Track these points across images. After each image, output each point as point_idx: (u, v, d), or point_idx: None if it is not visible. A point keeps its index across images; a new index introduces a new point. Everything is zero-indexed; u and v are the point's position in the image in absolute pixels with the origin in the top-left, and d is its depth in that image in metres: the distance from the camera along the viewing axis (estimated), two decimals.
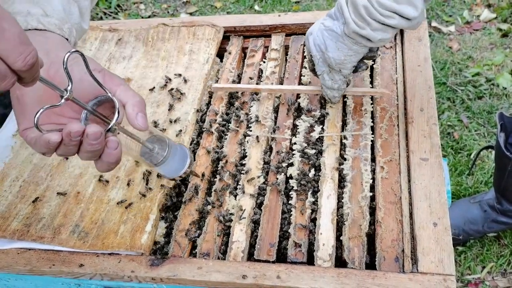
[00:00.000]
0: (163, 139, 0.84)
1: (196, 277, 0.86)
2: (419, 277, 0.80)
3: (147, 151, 0.82)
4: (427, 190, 0.91)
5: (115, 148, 0.72)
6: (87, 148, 0.70)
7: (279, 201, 0.98)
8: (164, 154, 0.83)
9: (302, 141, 1.06)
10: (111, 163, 0.74)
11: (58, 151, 0.71)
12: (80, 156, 0.73)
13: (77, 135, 0.68)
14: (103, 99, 0.74)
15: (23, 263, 0.94)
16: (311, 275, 0.83)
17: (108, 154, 0.73)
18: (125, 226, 0.96)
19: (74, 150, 0.71)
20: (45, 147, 0.70)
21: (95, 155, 0.72)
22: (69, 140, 0.68)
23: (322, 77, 1.03)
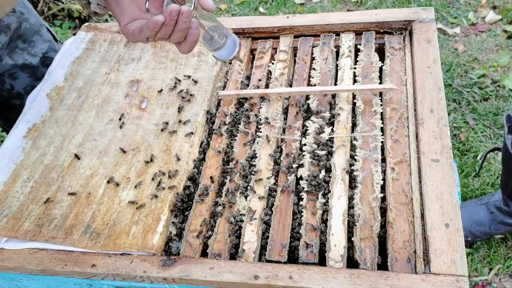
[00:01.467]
0: (222, 29, 0.96)
1: (208, 278, 0.87)
2: (431, 278, 0.80)
3: (209, 37, 0.95)
4: (438, 191, 0.91)
5: (196, 28, 0.87)
6: (181, 26, 0.84)
7: (289, 202, 0.98)
8: (221, 42, 0.96)
9: (312, 142, 1.06)
10: (193, 42, 0.89)
11: (158, 34, 0.85)
12: (172, 37, 0.87)
13: (176, 13, 0.82)
14: None
15: (36, 263, 0.94)
16: (324, 275, 0.83)
17: (191, 33, 0.87)
18: (136, 227, 0.97)
19: (170, 30, 0.85)
20: (151, 29, 0.84)
21: (184, 35, 0.87)
22: (170, 20, 0.82)
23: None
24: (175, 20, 0.83)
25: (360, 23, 1.27)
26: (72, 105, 1.25)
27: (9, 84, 1.39)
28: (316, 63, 1.24)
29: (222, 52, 0.99)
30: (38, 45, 1.40)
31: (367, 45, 1.23)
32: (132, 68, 1.32)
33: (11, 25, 1.31)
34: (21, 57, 1.36)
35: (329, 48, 1.26)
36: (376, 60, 1.20)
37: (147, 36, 0.87)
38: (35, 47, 1.39)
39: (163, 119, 1.18)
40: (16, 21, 1.32)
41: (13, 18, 1.30)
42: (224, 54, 0.99)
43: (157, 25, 0.83)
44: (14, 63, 1.35)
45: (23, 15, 1.35)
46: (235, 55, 1.00)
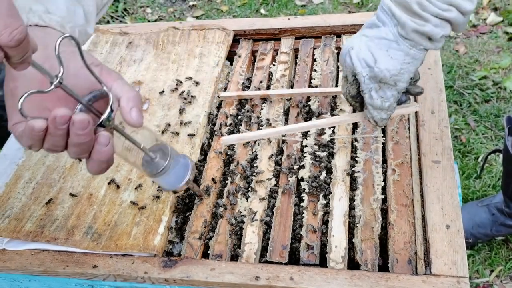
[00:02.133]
0: (166, 148, 0.79)
1: (209, 279, 0.87)
2: (432, 279, 0.80)
3: (148, 159, 0.77)
4: (439, 193, 0.91)
5: (106, 144, 0.67)
6: (74, 139, 0.65)
7: (290, 203, 0.98)
8: (164, 164, 0.77)
9: (313, 144, 1.07)
10: (102, 162, 0.69)
11: (45, 144, 0.67)
12: (69, 152, 0.68)
13: (62, 121, 0.63)
14: (98, 95, 0.70)
15: (37, 264, 0.95)
16: (324, 277, 0.84)
17: (98, 151, 0.68)
18: (137, 228, 0.97)
19: (61, 142, 0.66)
20: (30, 137, 0.65)
21: (83, 151, 0.67)
22: (55, 128, 0.64)
23: (370, 95, 0.87)
24: (63, 130, 0.64)
25: (361, 24, 1.26)
26: None
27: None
28: (317, 65, 1.24)
29: (165, 178, 0.79)
30: None
31: None
32: (134, 70, 1.32)
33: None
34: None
35: (330, 49, 1.26)
36: None
37: (28, 145, 0.67)
38: None
39: (165, 120, 1.18)
40: None
41: None
42: (170, 180, 0.81)
43: (34, 133, 0.64)
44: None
45: None
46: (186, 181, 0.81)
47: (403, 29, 0.81)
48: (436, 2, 0.78)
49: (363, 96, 0.89)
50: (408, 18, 0.80)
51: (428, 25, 0.79)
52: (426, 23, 0.79)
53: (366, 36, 0.86)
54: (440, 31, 0.80)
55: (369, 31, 0.86)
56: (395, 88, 0.85)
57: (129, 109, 0.69)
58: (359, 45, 0.86)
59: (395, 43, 0.82)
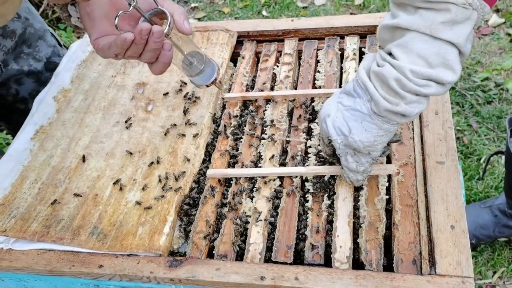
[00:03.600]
0: (202, 54, 0.96)
1: (214, 278, 0.87)
2: (437, 279, 0.81)
3: (188, 63, 0.95)
4: (443, 193, 0.92)
5: (169, 49, 0.86)
6: (152, 46, 0.82)
7: (295, 203, 0.99)
8: (200, 67, 0.95)
9: (317, 144, 1.07)
10: (165, 64, 0.87)
11: (128, 52, 0.84)
12: (143, 57, 0.85)
13: (146, 32, 0.80)
14: (154, 12, 0.87)
15: (43, 264, 0.95)
16: (329, 277, 0.84)
17: (163, 55, 0.86)
18: (143, 228, 0.97)
19: (140, 49, 0.83)
20: (120, 47, 0.82)
21: (155, 55, 0.85)
22: (140, 38, 0.80)
23: (345, 158, 0.90)
24: (145, 39, 0.81)
25: (364, 26, 1.28)
26: (78, 108, 1.26)
27: (15, 89, 1.40)
28: (321, 66, 1.25)
29: (200, 78, 0.98)
30: (42, 50, 1.41)
31: (371, 48, 1.24)
32: (138, 71, 1.33)
33: (16, 31, 1.32)
34: (26, 62, 1.37)
35: (333, 51, 1.27)
36: None
37: (115, 53, 0.85)
38: (39, 52, 1.40)
39: (169, 121, 1.18)
40: (21, 27, 1.33)
41: (18, 24, 1.32)
42: (202, 79, 0.98)
43: (125, 43, 0.81)
44: (20, 68, 1.36)
45: (28, 20, 1.36)
46: (213, 80, 0.99)
47: (376, 106, 0.81)
48: (414, 79, 0.75)
49: (339, 158, 0.92)
50: (381, 96, 0.79)
51: (401, 104, 0.78)
52: (400, 102, 0.78)
53: (342, 105, 0.86)
54: (414, 109, 0.78)
55: (346, 99, 0.86)
56: (369, 156, 0.88)
57: (182, 21, 0.86)
58: (335, 113, 0.87)
59: (369, 117, 0.82)
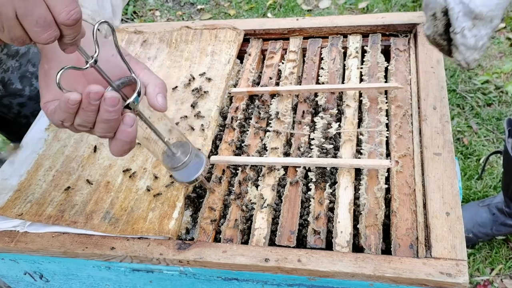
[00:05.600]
0: (187, 144, 0.85)
1: (221, 260, 0.92)
2: (432, 261, 0.85)
3: (169, 153, 0.83)
4: (440, 183, 0.96)
5: (131, 125, 0.71)
6: (104, 116, 0.68)
7: (298, 192, 1.03)
8: (184, 160, 0.83)
9: (320, 137, 1.12)
10: (125, 142, 0.72)
11: (76, 119, 0.70)
12: (95, 130, 0.72)
13: (96, 96, 0.67)
14: (126, 81, 0.75)
15: (58, 246, 1.00)
16: (330, 259, 0.88)
17: (123, 131, 0.71)
18: (153, 213, 1.02)
19: (92, 117, 0.69)
20: (65, 110, 0.68)
21: (110, 128, 0.71)
22: (88, 103, 0.67)
23: (462, 35, 0.84)
24: (95, 105, 0.67)
25: (367, 25, 1.32)
26: None
27: (17, 109, 1.42)
28: (324, 63, 1.29)
29: (183, 172, 0.86)
30: None
31: (373, 46, 1.29)
32: (148, 65, 1.38)
33: (19, 50, 1.34)
34: (29, 81, 1.38)
35: (337, 49, 1.32)
36: (382, 60, 1.25)
37: (61, 119, 0.71)
38: None
39: (178, 114, 1.23)
40: (24, 47, 1.33)
41: None
42: (183, 174, 0.87)
43: (69, 105, 0.67)
44: (22, 88, 1.37)
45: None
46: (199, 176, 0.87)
47: None
48: None
49: (452, 38, 0.86)
50: None
51: None
52: None
53: None
54: None
55: None
56: (490, 25, 0.82)
57: (155, 94, 0.74)
58: None
59: None
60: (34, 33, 0.59)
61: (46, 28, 0.58)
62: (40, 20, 0.57)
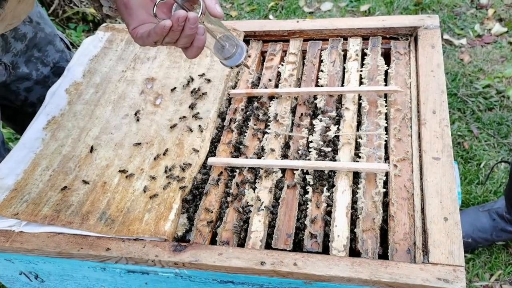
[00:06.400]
0: (233, 38, 0.99)
1: (216, 263, 0.91)
2: (429, 267, 0.84)
3: (220, 46, 0.98)
4: (438, 187, 0.95)
5: (203, 34, 0.89)
6: (188, 32, 0.85)
7: (296, 195, 1.03)
8: (232, 51, 0.99)
9: (319, 140, 1.11)
10: (199, 48, 0.91)
11: (166, 38, 0.87)
12: (179, 42, 0.89)
13: (183, 19, 0.83)
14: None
15: (53, 246, 0.99)
16: (327, 263, 0.88)
17: (197, 39, 0.89)
18: (149, 214, 1.02)
19: (178, 35, 0.86)
20: (159, 34, 0.85)
21: (190, 40, 0.89)
22: (177, 25, 0.83)
23: None
24: (182, 25, 0.84)
25: (367, 28, 1.32)
26: (89, 100, 1.31)
27: (24, 96, 1.43)
28: (324, 66, 1.29)
29: (231, 60, 1.01)
30: (50, 55, 1.45)
31: (373, 49, 1.28)
32: (147, 67, 1.38)
33: (27, 34, 1.35)
34: (34, 66, 1.40)
35: (337, 51, 1.31)
36: (381, 63, 1.25)
37: (154, 40, 0.88)
38: (47, 57, 1.44)
39: (177, 115, 1.23)
40: (32, 31, 1.36)
41: (29, 28, 1.36)
42: (232, 61, 1.02)
43: (164, 30, 0.84)
44: (29, 71, 1.40)
45: (39, 25, 1.40)
46: (242, 61, 1.02)
47: None
48: None
49: None
50: None
51: None
52: None
53: None
54: None
55: None
56: None
57: (213, 5, 0.89)
58: None
59: None
60: None
61: None
62: None
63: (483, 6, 2.95)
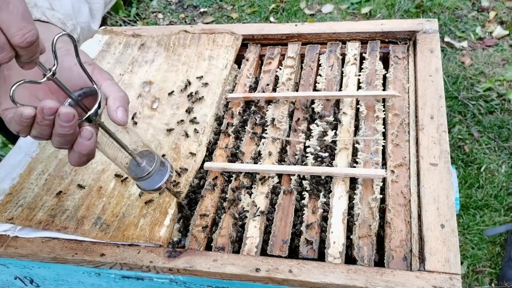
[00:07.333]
0: (152, 154, 0.83)
1: (211, 269, 0.90)
2: (425, 275, 0.83)
3: (134, 163, 0.81)
4: (435, 194, 0.95)
5: (88, 138, 0.71)
6: (58, 130, 0.68)
7: (292, 200, 1.02)
8: (149, 170, 0.82)
9: (316, 145, 1.10)
10: (82, 155, 0.72)
11: (32, 131, 0.70)
12: (52, 141, 0.71)
13: (50, 112, 0.66)
14: (88, 92, 0.74)
15: (47, 251, 0.99)
16: (322, 270, 0.87)
17: (80, 143, 0.71)
18: (144, 220, 1.01)
19: (47, 131, 0.69)
20: (19, 123, 0.68)
21: (66, 141, 0.71)
22: (42, 118, 0.67)
23: None
24: (50, 120, 0.67)
25: (366, 32, 1.31)
26: None
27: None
28: (322, 70, 1.28)
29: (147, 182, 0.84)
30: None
31: (372, 53, 1.28)
32: (145, 70, 1.37)
33: None
34: None
35: (335, 55, 1.30)
36: (380, 68, 1.24)
37: (16, 130, 0.71)
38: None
39: (174, 119, 1.22)
40: None
41: None
42: (148, 183, 0.85)
43: (23, 119, 0.67)
44: None
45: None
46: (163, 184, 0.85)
47: None
48: None
49: None
50: None
51: None
52: None
53: None
54: None
55: None
56: None
57: (115, 108, 0.73)
58: None
59: None
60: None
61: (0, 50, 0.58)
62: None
63: (484, 9, 2.93)
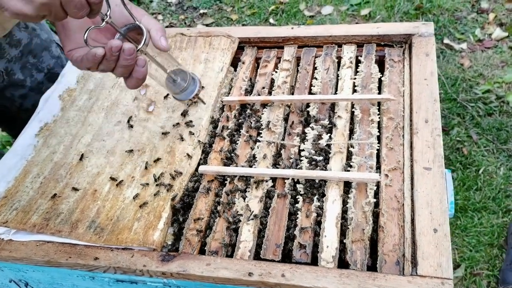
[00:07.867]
0: (184, 71, 0.97)
1: (204, 273, 0.91)
2: (418, 279, 0.83)
3: (171, 80, 0.97)
4: (429, 198, 0.95)
5: (143, 66, 0.87)
6: (122, 62, 0.84)
7: (286, 204, 1.02)
8: (184, 84, 0.97)
9: (310, 148, 1.10)
10: (139, 79, 0.89)
11: (100, 66, 0.85)
12: (115, 72, 0.87)
13: (116, 49, 0.82)
14: (131, 27, 0.89)
15: (41, 255, 0.99)
16: (315, 274, 0.87)
17: (137, 70, 0.87)
18: (138, 223, 1.01)
19: (113, 64, 0.85)
20: (91, 61, 0.83)
21: (127, 71, 0.87)
22: (110, 54, 0.82)
23: None
24: (116, 55, 0.83)
25: (362, 35, 1.31)
26: (82, 107, 1.31)
27: (19, 102, 1.44)
28: (318, 73, 1.28)
29: (184, 94, 1.00)
30: (45, 61, 1.44)
31: (367, 57, 1.28)
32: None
33: (22, 40, 1.35)
34: (29, 72, 1.41)
35: (331, 58, 1.30)
36: (375, 71, 1.24)
37: (87, 67, 0.86)
38: (42, 63, 1.44)
39: (169, 122, 1.22)
40: (27, 37, 1.36)
41: (24, 34, 1.36)
42: (185, 95, 1.00)
43: (96, 58, 0.82)
44: (24, 78, 1.39)
45: (34, 31, 1.40)
46: (195, 94, 1.00)
47: None
48: None
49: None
50: None
51: None
52: None
53: None
54: None
55: None
56: None
57: (158, 37, 0.88)
58: None
59: None
60: (73, 13, 0.76)
61: (81, 8, 0.76)
62: (78, 4, 0.75)
63: (484, 11, 2.93)
